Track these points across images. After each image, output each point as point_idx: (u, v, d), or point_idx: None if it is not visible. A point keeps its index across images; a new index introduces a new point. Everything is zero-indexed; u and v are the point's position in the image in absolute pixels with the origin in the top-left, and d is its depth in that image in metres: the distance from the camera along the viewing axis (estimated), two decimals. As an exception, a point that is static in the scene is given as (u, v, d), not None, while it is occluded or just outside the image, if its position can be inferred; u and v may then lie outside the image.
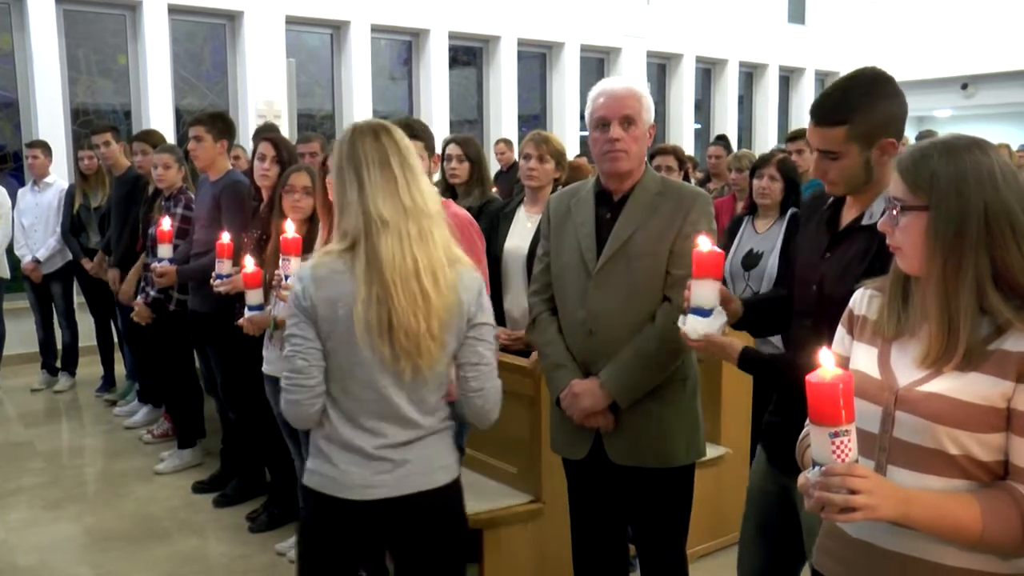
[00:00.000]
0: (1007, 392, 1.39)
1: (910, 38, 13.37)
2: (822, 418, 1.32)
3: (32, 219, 6.50)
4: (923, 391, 1.45)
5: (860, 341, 1.61)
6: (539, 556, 3.33)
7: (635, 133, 2.41)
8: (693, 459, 2.55)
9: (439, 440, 2.06)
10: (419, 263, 1.92)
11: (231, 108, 8.64)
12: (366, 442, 1.97)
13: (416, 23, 9.55)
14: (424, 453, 2.02)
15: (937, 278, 1.44)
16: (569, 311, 2.52)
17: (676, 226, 2.41)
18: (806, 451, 1.63)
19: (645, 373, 2.41)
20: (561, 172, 3.68)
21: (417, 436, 2.01)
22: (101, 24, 8.07)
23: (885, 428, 1.48)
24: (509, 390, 3.34)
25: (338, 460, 1.99)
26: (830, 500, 1.32)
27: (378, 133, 1.99)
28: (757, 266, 4.05)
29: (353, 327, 1.90)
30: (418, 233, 1.94)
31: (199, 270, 4.25)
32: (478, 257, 2.79)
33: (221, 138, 4.35)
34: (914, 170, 1.46)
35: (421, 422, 2.01)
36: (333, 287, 1.93)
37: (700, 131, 12.54)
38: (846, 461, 1.32)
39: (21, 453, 5.29)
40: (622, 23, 11.20)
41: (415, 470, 2.00)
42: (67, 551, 3.96)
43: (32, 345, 6.97)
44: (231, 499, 4.44)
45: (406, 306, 1.89)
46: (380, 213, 1.92)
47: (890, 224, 1.50)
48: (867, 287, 1.65)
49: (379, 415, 1.98)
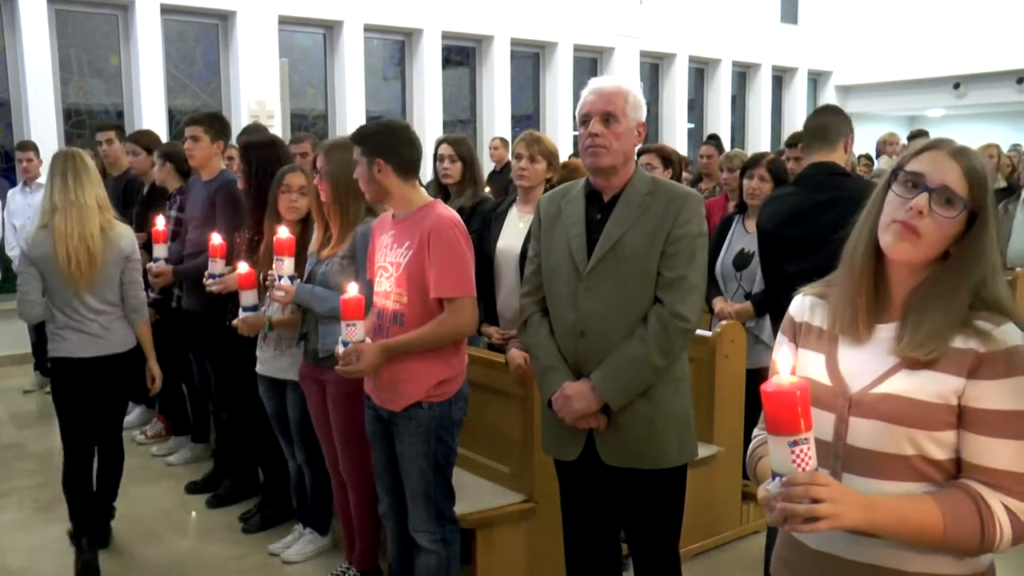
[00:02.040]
0: (959, 388, 1.39)
1: (902, 38, 13.40)
2: (780, 427, 1.29)
3: (24, 220, 6.49)
4: (877, 393, 1.44)
5: (805, 348, 1.59)
6: (532, 556, 3.33)
7: (617, 130, 2.39)
8: (685, 460, 2.53)
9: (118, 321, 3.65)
10: (81, 231, 3.46)
11: (223, 108, 8.62)
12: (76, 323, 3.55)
13: (409, 23, 9.54)
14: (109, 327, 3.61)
15: (968, 282, 1.43)
16: (560, 313, 2.51)
17: (667, 227, 2.39)
18: (758, 463, 1.61)
19: (637, 375, 2.39)
20: (553, 172, 3.68)
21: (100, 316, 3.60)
22: (93, 24, 8.05)
23: (839, 435, 1.47)
24: (501, 390, 3.38)
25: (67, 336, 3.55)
26: (793, 511, 1.29)
27: (67, 156, 3.55)
28: (748, 266, 4.06)
29: (56, 268, 3.45)
30: (77, 215, 3.46)
31: (194, 270, 4.24)
32: (464, 256, 2.78)
33: (218, 138, 4.34)
34: (978, 175, 1.44)
35: (103, 309, 3.59)
36: (41, 247, 3.47)
37: (693, 131, 12.56)
38: (807, 470, 1.29)
39: (13, 454, 5.28)
40: (615, 23, 11.21)
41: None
42: (58, 553, 3.94)
43: (24, 346, 6.97)
44: (224, 500, 4.44)
45: (75, 254, 3.44)
46: (55, 203, 3.48)
47: (930, 208, 1.42)
48: (806, 294, 1.63)
49: (75, 310, 3.54)
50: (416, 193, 2.91)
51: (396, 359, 2.78)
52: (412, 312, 2.79)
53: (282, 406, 3.69)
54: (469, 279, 2.79)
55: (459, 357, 2.90)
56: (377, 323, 2.88)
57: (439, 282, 2.73)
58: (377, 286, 2.91)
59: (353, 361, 2.71)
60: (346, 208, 3.22)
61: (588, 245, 2.45)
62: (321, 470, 3.63)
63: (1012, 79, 12.69)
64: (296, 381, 3.55)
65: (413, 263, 2.77)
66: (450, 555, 2.94)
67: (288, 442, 3.79)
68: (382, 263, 2.90)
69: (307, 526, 3.87)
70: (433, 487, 2.88)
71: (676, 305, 2.38)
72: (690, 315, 2.40)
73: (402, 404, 2.83)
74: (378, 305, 2.90)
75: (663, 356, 2.40)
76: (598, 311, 2.42)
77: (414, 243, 2.78)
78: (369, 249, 3.03)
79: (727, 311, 4.00)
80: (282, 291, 3.27)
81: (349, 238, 3.21)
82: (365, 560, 3.51)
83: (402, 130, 2.93)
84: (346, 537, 3.59)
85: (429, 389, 2.81)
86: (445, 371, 2.83)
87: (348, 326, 2.70)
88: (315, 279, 3.29)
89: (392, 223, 2.92)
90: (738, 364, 3.89)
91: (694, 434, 2.58)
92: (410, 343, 2.76)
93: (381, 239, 2.94)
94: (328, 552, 3.83)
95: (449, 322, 2.76)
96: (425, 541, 2.92)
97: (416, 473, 2.87)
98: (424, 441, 2.84)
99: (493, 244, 3.66)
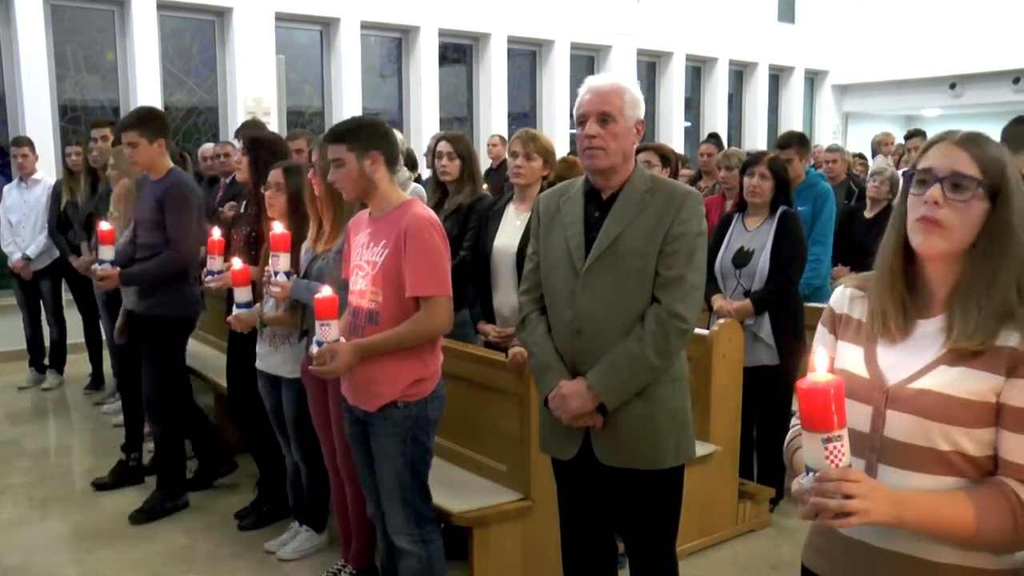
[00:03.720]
0: (997, 387, 1.40)
1: (899, 37, 13.40)
2: (815, 423, 1.31)
3: (19, 216, 6.47)
4: (915, 388, 1.45)
5: (844, 340, 1.60)
6: (528, 554, 3.33)
7: (614, 130, 2.37)
8: (682, 461, 2.51)
9: None
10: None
11: (220, 105, 8.61)
12: None
13: (406, 20, 9.52)
14: None
15: (1009, 267, 1.42)
16: (557, 311, 2.50)
17: (665, 225, 2.37)
18: (795, 453, 1.63)
19: (634, 375, 2.37)
20: (549, 170, 3.67)
21: None
22: (89, 20, 8.02)
23: (875, 427, 1.48)
24: (498, 388, 3.38)
25: None
26: (825, 505, 1.32)
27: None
28: (748, 264, 4.06)
29: None
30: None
31: (140, 274, 4.09)
32: (440, 256, 2.76)
33: (157, 138, 4.09)
34: (988, 155, 1.45)
35: None
36: None
37: (690, 129, 12.56)
38: (839, 466, 1.32)
39: (8, 451, 5.26)
40: (612, 21, 11.21)
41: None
42: (54, 550, 3.93)
43: (19, 342, 6.93)
44: (195, 484, 4.50)
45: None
46: None
47: (945, 198, 1.44)
48: (847, 286, 1.65)
49: None
50: (395, 191, 2.90)
51: (371, 358, 2.75)
52: (387, 311, 2.77)
53: (279, 402, 3.68)
54: (445, 278, 2.78)
55: (435, 356, 2.87)
56: (352, 322, 2.86)
57: (415, 281, 2.72)
58: (352, 285, 2.89)
59: (327, 361, 2.69)
60: (340, 202, 3.21)
61: (586, 243, 2.43)
62: (318, 467, 3.62)
63: (1008, 79, 12.70)
64: (291, 378, 3.55)
65: (389, 262, 2.76)
66: (431, 555, 2.91)
67: (285, 439, 3.78)
68: (358, 262, 2.88)
69: (303, 524, 3.86)
70: (409, 489, 2.85)
71: (674, 304, 2.36)
72: (688, 315, 2.38)
73: (377, 404, 2.80)
74: (353, 304, 2.88)
75: (660, 356, 2.37)
76: (595, 309, 2.41)
77: (390, 242, 2.76)
78: (345, 247, 3.01)
79: (726, 309, 4.00)
80: (278, 287, 3.26)
81: (343, 233, 3.20)
82: (361, 558, 3.50)
83: (385, 124, 2.93)
84: (342, 535, 3.58)
85: (404, 388, 2.79)
86: (420, 370, 2.81)
87: (322, 326, 2.68)
88: (311, 274, 3.28)
89: (368, 221, 2.91)
90: (736, 363, 3.89)
91: (692, 434, 2.55)
92: (385, 342, 2.74)
93: (357, 238, 2.92)
94: (324, 550, 3.83)
95: (424, 321, 2.74)
96: (405, 543, 2.89)
97: (392, 475, 2.84)
98: (400, 441, 2.81)
99: (490, 242, 3.65)
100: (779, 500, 4.22)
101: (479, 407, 3.47)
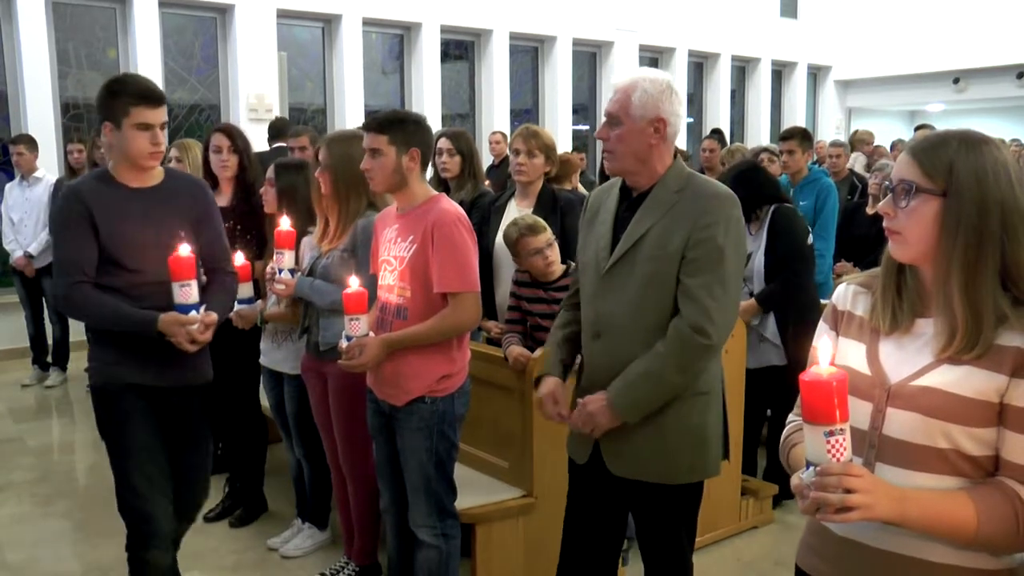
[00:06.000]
0: (1001, 387, 1.39)
1: (902, 32, 13.37)
2: (817, 417, 1.30)
3: (21, 214, 6.48)
4: (917, 385, 1.44)
5: (846, 337, 1.59)
6: (531, 550, 3.33)
7: (619, 132, 2.28)
8: (696, 479, 2.38)
9: None
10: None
11: (222, 102, 8.60)
12: None
13: (408, 16, 9.51)
14: None
15: (959, 267, 1.41)
16: (584, 311, 2.43)
17: (688, 228, 2.22)
18: (791, 451, 1.61)
19: (652, 392, 2.26)
20: (551, 166, 3.67)
21: None
22: (90, 17, 8.01)
23: (875, 425, 1.47)
24: (500, 384, 3.38)
25: None
26: (826, 500, 1.31)
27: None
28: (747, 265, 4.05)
29: None
30: None
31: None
32: (467, 251, 2.76)
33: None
34: (932, 155, 1.44)
35: None
36: None
37: (692, 125, 12.54)
38: (841, 460, 1.31)
39: (11, 449, 5.27)
40: (614, 17, 11.18)
41: None
42: (57, 547, 3.94)
43: (22, 340, 6.95)
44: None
45: None
46: None
47: (894, 206, 1.46)
48: (850, 283, 1.64)
49: None
50: (424, 187, 2.90)
51: (399, 353, 2.76)
52: (415, 306, 2.77)
53: (282, 398, 3.68)
54: (473, 274, 2.77)
55: (462, 352, 2.88)
56: (380, 317, 2.87)
57: (442, 277, 2.72)
58: (381, 280, 2.90)
59: (356, 355, 2.70)
60: (346, 201, 3.20)
61: (612, 243, 2.33)
62: (320, 464, 3.62)
63: (1012, 73, 12.68)
64: (292, 374, 3.55)
65: (417, 257, 2.76)
66: (450, 549, 2.93)
67: (287, 435, 3.78)
68: (386, 257, 2.88)
69: (306, 521, 3.86)
70: (434, 481, 2.87)
71: (697, 318, 2.20)
72: (712, 330, 2.20)
73: (404, 399, 2.81)
74: (381, 299, 2.89)
75: (680, 373, 2.24)
76: (614, 313, 2.32)
77: (418, 237, 2.76)
78: (373, 243, 3.02)
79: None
80: (282, 284, 3.26)
81: (349, 232, 3.20)
82: (364, 555, 3.51)
83: (427, 123, 2.91)
84: (345, 532, 3.58)
85: (432, 384, 2.80)
86: (448, 366, 2.82)
87: (351, 320, 2.69)
88: (315, 272, 3.28)
89: (396, 217, 2.90)
90: (739, 360, 3.88)
91: (716, 450, 2.40)
92: (413, 338, 2.75)
93: (385, 233, 2.92)
94: (327, 547, 3.83)
95: (452, 317, 2.74)
96: (426, 536, 2.91)
97: (417, 468, 2.86)
98: (426, 436, 2.82)
99: (492, 238, 3.65)
100: (783, 498, 4.22)
101: (481, 404, 3.45)
